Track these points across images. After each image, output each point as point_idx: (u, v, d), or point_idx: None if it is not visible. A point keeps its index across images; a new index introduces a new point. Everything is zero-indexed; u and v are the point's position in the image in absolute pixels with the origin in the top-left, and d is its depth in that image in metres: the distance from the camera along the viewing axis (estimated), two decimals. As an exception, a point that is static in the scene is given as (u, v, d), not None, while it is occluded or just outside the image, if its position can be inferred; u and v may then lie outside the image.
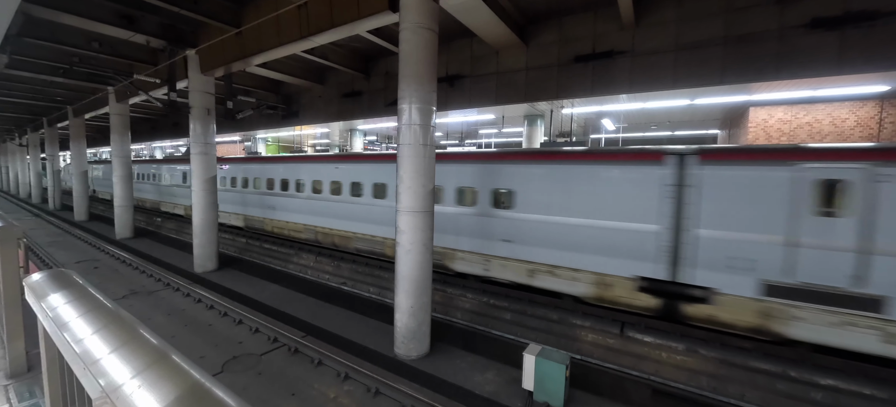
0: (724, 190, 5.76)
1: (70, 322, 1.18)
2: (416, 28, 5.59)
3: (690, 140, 21.46)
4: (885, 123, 11.31)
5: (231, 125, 18.52)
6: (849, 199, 5.02)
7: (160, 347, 0.99)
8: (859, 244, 4.92)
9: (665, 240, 6.15)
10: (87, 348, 1.02)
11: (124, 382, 0.86)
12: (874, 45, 6.30)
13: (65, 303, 1.28)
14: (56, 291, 1.35)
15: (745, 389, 5.30)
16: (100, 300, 1.30)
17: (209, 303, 7.85)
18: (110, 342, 1.01)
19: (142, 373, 0.87)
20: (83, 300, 1.29)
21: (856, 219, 4.96)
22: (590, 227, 6.82)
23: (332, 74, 13.74)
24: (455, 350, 6.55)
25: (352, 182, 10.58)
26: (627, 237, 6.46)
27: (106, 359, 0.95)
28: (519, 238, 7.62)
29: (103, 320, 1.15)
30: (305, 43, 7.92)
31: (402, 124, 5.82)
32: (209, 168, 10.70)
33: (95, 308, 1.23)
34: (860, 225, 4.94)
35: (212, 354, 5.95)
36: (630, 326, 6.50)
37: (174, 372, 0.87)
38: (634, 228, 6.40)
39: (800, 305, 5.24)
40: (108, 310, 1.22)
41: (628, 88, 8.25)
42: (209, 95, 10.56)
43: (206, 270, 10.94)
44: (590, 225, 6.82)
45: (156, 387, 0.82)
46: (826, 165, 5.20)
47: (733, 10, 7.17)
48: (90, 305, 1.25)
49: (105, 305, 1.26)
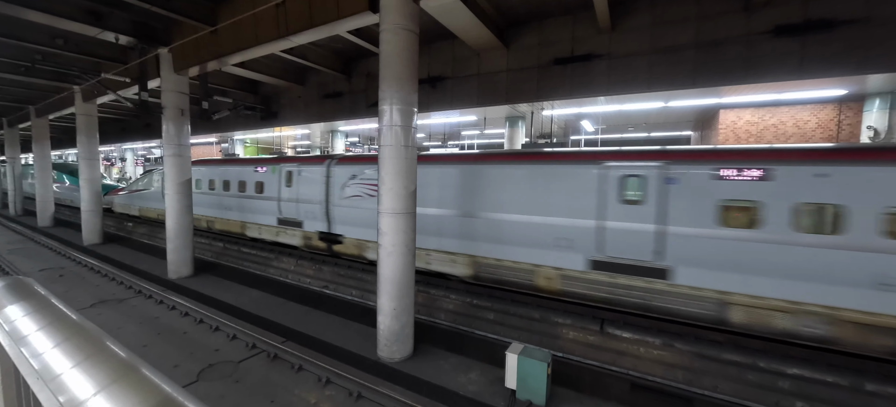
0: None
1: (29, 335, 1.12)
2: (396, 29, 5.58)
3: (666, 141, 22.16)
4: (843, 125, 11.99)
5: (207, 126, 17.97)
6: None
7: (128, 360, 0.95)
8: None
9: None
10: (46, 363, 0.97)
11: (87, 398, 0.82)
12: (832, 52, 6.68)
13: (23, 315, 1.22)
14: (14, 302, 1.28)
15: (718, 381, 5.51)
16: (62, 311, 1.25)
17: (184, 310, 7.59)
18: (73, 356, 0.97)
19: (107, 388, 0.84)
20: (44, 311, 1.23)
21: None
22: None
23: (312, 75, 13.53)
24: (439, 351, 6.55)
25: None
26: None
27: (67, 373, 0.91)
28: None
29: (65, 332, 1.10)
30: (284, 43, 7.78)
31: (384, 126, 5.79)
32: (183, 171, 10.35)
33: (57, 320, 1.18)
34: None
35: (187, 362, 5.76)
36: (610, 322, 6.66)
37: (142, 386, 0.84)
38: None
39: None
40: (71, 321, 1.17)
41: (606, 90, 8.46)
42: (183, 95, 10.22)
43: (180, 277, 10.58)
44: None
45: (122, 402, 0.80)
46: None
47: (704, 16, 7.45)
48: (52, 317, 1.19)
49: (68, 316, 1.21)
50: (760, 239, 5.60)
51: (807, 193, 5.35)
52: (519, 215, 7.55)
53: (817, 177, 5.31)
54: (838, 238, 5.14)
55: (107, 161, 39.49)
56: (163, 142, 10.23)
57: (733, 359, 5.61)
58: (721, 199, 5.88)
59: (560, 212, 7.12)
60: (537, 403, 5.03)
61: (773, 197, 5.55)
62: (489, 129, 19.35)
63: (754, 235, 5.64)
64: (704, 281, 6.05)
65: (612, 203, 6.69)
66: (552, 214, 7.19)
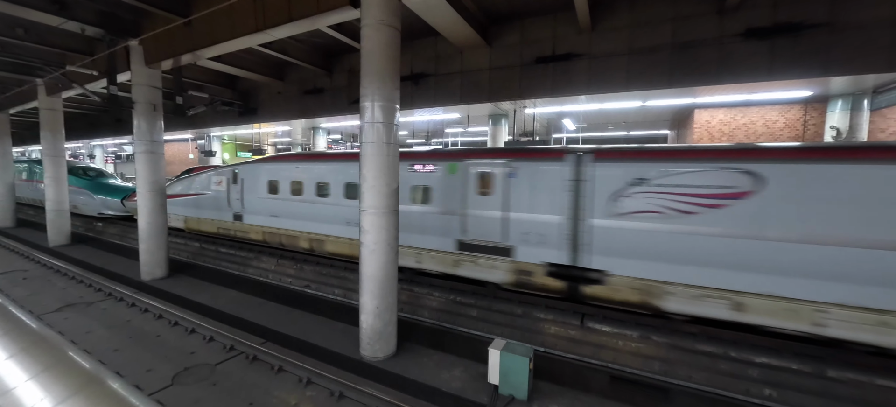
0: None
1: (-19, 346, 1.06)
2: (377, 25, 5.51)
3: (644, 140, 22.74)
4: (808, 125, 12.57)
5: (182, 122, 17.38)
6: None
7: (92, 371, 0.91)
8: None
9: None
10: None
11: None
12: (798, 54, 6.98)
13: (-25, 325, 1.15)
14: (-35, 312, 1.21)
15: (692, 371, 5.71)
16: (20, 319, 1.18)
17: (157, 312, 7.34)
18: (30, 368, 0.92)
19: (67, 401, 0.80)
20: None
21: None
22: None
23: (292, 70, 13.24)
24: (422, 349, 6.56)
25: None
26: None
27: (23, 387, 0.86)
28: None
29: (23, 343, 1.04)
30: (262, 36, 7.58)
31: (365, 122, 5.73)
32: (156, 168, 9.98)
33: (14, 328, 1.12)
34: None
35: (160, 366, 5.57)
36: (590, 317, 6.81)
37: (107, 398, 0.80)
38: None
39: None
40: (30, 331, 1.11)
41: (586, 89, 8.61)
42: (155, 90, 9.83)
43: (154, 278, 10.22)
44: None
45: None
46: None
47: (680, 18, 7.66)
48: (7, 327, 1.13)
49: (27, 325, 1.15)
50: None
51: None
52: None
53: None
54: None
55: (91, 158, 37.64)
56: (134, 138, 9.83)
57: (706, 349, 5.82)
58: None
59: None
60: (519, 398, 5.10)
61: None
62: (473, 126, 19.41)
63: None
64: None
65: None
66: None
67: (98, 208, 16.76)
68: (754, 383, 5.37)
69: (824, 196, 5.29)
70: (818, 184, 5.35)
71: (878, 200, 5.03)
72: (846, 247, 5.17)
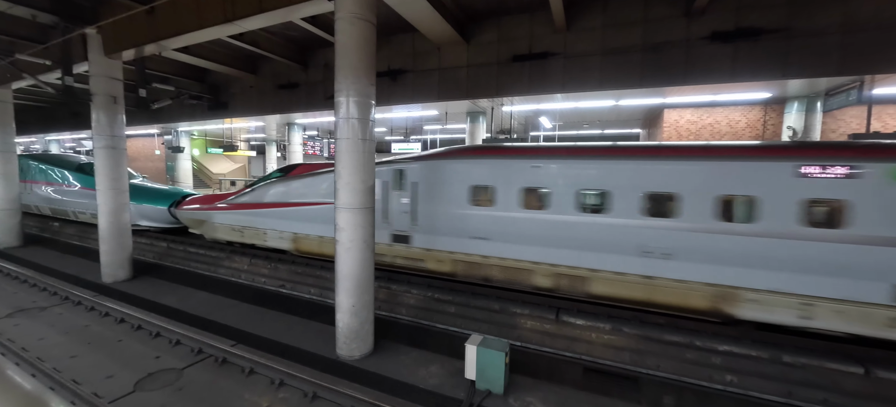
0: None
1: None
2: (352, 18, 5.41)
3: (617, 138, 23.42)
4: (768, 125, 13.27)
5: (146, 116, 16.57)
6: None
7: (33, 392, 0.81)
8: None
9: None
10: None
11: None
12: (759, 58, 7.35)
13: None
14: None
15: (661, 360, 5.93)
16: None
17: (119, 316, 6.97)
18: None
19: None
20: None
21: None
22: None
23: (265, 64, 12.84)
24: (400, 346, 6.51)
25: None
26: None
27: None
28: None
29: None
30: (231, 27, 7.30)
31: (340, 118, 5.62)
32: (117, 164, 9.46)
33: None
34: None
35: (122, 372, 5.29)
36: (564, 311, 6.94)
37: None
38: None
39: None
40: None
41: (562, 88, 8.76)
42: (115, 81, 9.31)
43: (116, 280, 9.70)
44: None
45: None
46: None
47: (650, 20, 7.91)
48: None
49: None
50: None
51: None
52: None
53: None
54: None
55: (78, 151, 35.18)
56: (93, 133, 9.27)
57: (674, 340, 6.05)
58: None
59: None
60: (496, 392, 5.15)
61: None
62: (451, 123, 19.43)
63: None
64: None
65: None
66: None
67: (131, 219, 11.83)
68: (717, 370, 5.63)
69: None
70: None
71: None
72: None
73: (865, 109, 10.41)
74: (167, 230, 13.12)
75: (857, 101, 9.51)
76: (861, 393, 5.11)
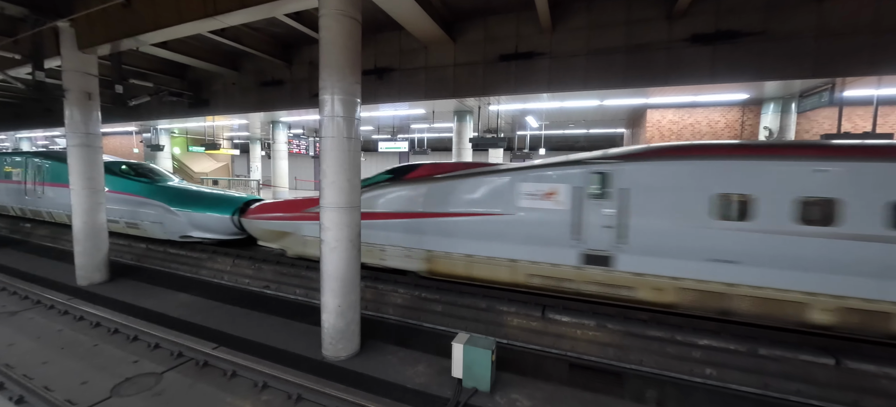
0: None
1: None
2: (336, 15, 5.34)
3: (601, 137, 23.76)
4: (746, 125, 13.68)
5: (123, 113, 16.05)
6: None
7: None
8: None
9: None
10: None
11: None
12: (737, 60, 7.56)
13: None
14: None
15: (643, 355, 6.05)
16: None
17: (95, 320, 6.73)
18: None
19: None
20: None
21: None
22: None
23: (248, 60, 12.59)
24: (387, 346, 6.48)
25: None
26: None
27: None
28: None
29: None
30: (212, 22, 7.12)
31: (325, 116, 5.55)
32: (92, 162, 9.13)
33: None
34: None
35: (97, 378, 5.11)
36: (550, 308, 7.02)
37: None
38: None
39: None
40: None
41: (547, 88, 8.85)
42: (90, 77, 8.98)
43: (92, 283, 9.37)
44: None
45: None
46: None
47: (632, 22, 8.05)
48: None
49: None
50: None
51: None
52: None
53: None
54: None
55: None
56: (66, 130, 8.93)
57: (656, 335, 6.19)
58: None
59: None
60: (482, 390, 5.17)
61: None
62: (438, 122, 19.41)
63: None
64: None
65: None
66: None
67: (182, 229, 10.58)
68: (697, 364, 5.78)
69: None
70: None
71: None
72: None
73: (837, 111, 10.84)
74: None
75: (829, 103, 9.88)
76: (832, 383, 5.31)
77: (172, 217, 10.59)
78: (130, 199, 11.26)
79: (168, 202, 10.69)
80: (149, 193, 11.09)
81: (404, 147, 18.06)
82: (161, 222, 10.80)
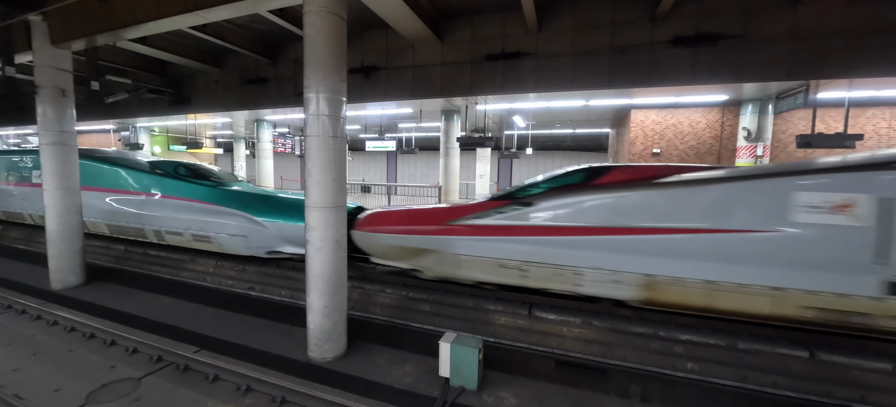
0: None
1: None
2: (321, 12, 5.28)
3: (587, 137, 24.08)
4: (726, 126, 14.05)
5: (100, 111, 15.55)
6: None
7: None
8: None
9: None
10: None
11: None
12: (717, 62, 7.75)
13: None
14: None
15: (627, 351, 6.15)
16: None
17: (69, 324, 6.50)
18: None
19: None
20: None
21: None
22: None
23: (231, 57, 12.34)
24: (374, 346, 6.44)
25: None
26: None
27: None
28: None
29: None
30: (193, 18, 6.95)
31: (310, 115, 5.48)
32: (67, 161, 8.82)
33: None
34: None
35: (71, 384, 4.94)
36: (537, 306, 7.08)
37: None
38: None
39: None
40: None
41: (534, 88, 8.92)
42: (64, 73, 8.66)
43: (68, 286, 9.06)
44: None
45: None
46: None
47: (617, 23, 8.18)
48: None
49: None
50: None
51: None
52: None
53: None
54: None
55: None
56: (39, 128, 8.60)
57: (639, 331, 6.30)
58: None
59: None
60: (470, 389, 5.19)
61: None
62: (426, 121, 19.38)
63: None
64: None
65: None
66: None
67: (271, 244, 8.86)
68: (679, 359, 5.91)
69: None
70: None
71: None
72: None
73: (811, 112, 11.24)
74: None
75: (804, 105, 10.24)
76: (806, 375, 5.50)
77: (259, 229, 8.73)
78: (200, 208, 9.30)
79: (252, 211, 8.74)
80: (223, 200, 9.13)
81: (392, 146, 17.98)
82: (245, 236, 8.94)
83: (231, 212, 8.99)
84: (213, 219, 9.20)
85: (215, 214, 9.16)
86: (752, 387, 5.51)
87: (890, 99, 12.60)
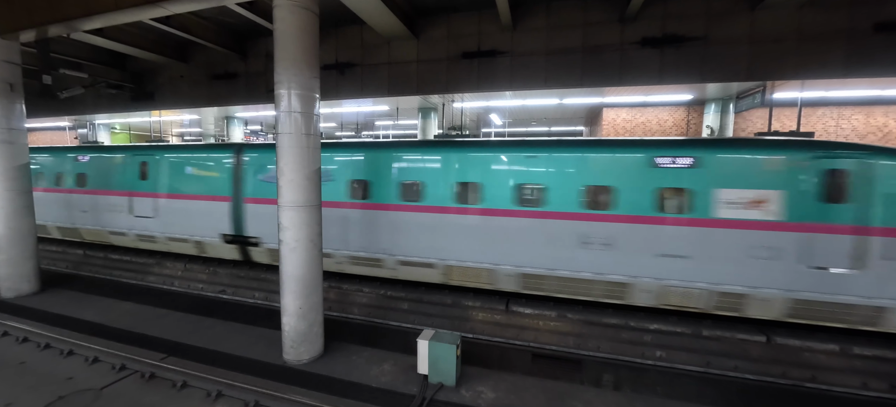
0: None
1: None
2: (291, 6, 5.14)
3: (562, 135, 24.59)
4: (691, 124, 14.68)
5: (54, 106, 14.56)
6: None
7: None
8: None
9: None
10: None
11: None
12: (682, 63, 8.08)
13: None
14: None
15: (600, 342, 6.37)
16: None
17: (21, 335, 6.08)
18: None
19: None
20: None
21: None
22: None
23: (198, 51, 11.82)
24: (351, 347, 6.36)
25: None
26: None
27: None
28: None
29: None
30: (154, 10, 6.60)
31: (281, 112, 5.33)
32: (17, 161, 8.22)
33: None
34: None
35: (25, 398, 4.63)
36: (514, 300, 7.20)
37: None
38: None
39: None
40: None
41: (509, 86, 9.02)
42: (12, 66, 8.05)
43: (20, 294, 8.45)
44: None
45: None
46: None
47: (588, 24, 8.38)
48: None
49: None
50: None
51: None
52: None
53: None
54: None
55: None
56: (-18, 124, 7.95)
57: (611, 322, 6.53)
58: None
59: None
60: (448, 384, 5.22)
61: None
62: (403, 119, 19.24)
63: None
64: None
65: None
66: None
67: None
68: (648, 347, 6.17)
69: None
70: None
71: None
72: None
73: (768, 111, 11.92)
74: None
75: (761, 104, 10.83)
76: (763, 358, 5.86)
77: None
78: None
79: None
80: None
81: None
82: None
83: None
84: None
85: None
86: (714, 372, 5.82)
87: (837, 99, 13.52)
